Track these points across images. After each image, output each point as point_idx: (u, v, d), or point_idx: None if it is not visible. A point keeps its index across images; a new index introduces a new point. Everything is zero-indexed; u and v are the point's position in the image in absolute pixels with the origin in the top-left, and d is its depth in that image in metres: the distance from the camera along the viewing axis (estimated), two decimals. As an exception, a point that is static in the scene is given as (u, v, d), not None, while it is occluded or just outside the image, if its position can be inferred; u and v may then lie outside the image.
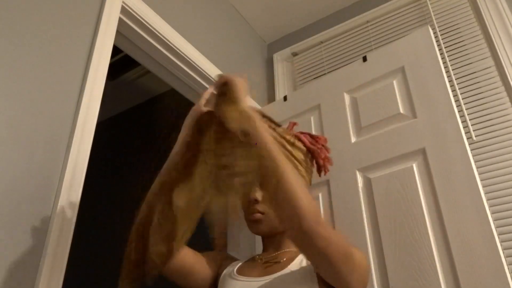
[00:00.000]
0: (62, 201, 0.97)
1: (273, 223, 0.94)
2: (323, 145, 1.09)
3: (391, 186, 1.38)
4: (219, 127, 0.75)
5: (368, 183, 1.45)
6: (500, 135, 1.43)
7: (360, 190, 1.46)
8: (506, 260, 1.12)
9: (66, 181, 0.99)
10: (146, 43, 1.49)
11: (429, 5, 1.81)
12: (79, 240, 2.84)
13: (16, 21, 1.00)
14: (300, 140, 1.05)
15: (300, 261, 0.90)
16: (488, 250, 1.12)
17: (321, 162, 1.08)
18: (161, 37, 1.49)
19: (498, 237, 1.15)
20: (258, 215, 0.92)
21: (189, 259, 0.91)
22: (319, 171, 1.10)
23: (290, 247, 0.96)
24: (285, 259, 0.92)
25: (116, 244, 2.63)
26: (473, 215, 1.18)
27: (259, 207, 0.92)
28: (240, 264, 0.99)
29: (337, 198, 1.50)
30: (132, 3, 1.37)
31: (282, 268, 0.88)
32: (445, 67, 1.63)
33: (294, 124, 1.15)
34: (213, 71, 1.74)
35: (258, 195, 0.93)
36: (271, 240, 0.98)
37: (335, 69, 2.00)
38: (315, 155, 1.04)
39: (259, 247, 1.62)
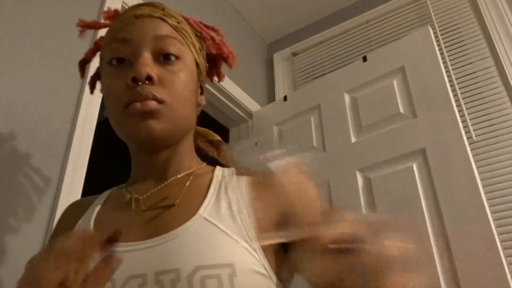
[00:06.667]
0: (62, 200, 0.96)
1: (176, 124, 0.56)
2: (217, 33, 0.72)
3: (391, 186, 1.38)
4: None
5: (368, 183, 1.45)
6: (500, 135, 1.43)
7: (360, 190, 1.45)
8: (506, 260, 1.12)
9: (66, 181, 0.99)
10: (146, 43, 1.49)
11: (429, 5, 1.81)
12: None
13: (16, 22, 1.00)
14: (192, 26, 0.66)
15: (215, 200, 0.54)
16: (488, 250, 1.12)
17: (215, 47, 0.69)
18: (161, 37, 1.49)
19: (498, 237, 1.15)
20: (154, 104, 0.53)
21: None
22: (225, 61, 0.71)
23: (181, 170, 0.60)
24: (183, 196, 0.55)
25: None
26: (473, 215, 1.18)
27: (155, 91, 0.53)
28: (97, 209, 0.59)
29: (337, 198, 1.50)
30: (132, 3, 1.37)
31: (187, 217, 0.51)
32: (445, 67, 1.63)
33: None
34: (213, 71, 1.74)
35: (151, 69, 0.54)
36: (155, 159, 0.59)
37: (335, 69, 2.00)
38: (207, 40, 0.67)
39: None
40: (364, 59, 1.65)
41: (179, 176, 0.59)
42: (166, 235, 0.49)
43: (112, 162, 3.07)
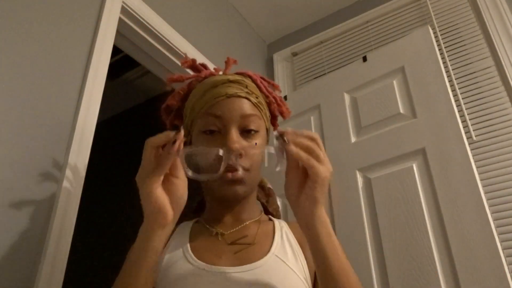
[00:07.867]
0: (62, 201, 0.97)
1: (253, 185, 0.75)
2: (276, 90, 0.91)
3: (391, 186, 1.38)
4: None
5: (368, 183, 1.45)
6: (500, 135, 1.43)
7: (360, 190, 1.46)
8: (506, 260, 1.12)
9: (66, 181, 0.99)
10: (146, 43, 1.49)
11: (429, 5, 1.81)
12: (79, 240, 2.84)
13: (16, 22, 1.00)
14: (256, 84, 0.82)
15: (281, 243, 0.72)
16: (488, 250, 1.12)
17: (278, 109, 0.87)
18: (161, 37, 1.49)
19: (498, 237, 1.15)
20: (241, 173, 0.69)
21: None
22: (283, 116, 0.89)
23: (252, 215, 0.78)
24: (256, 237, 0.73)
25: (116, 244, 2.63)
26: (473, 215, 1.18)
27: (243, 162, 0.69)
28: (188, 235, 0.75)
29: (337, 198, 1.50)
30: (132, 3, 1.37)
31: (263, 253, 0.69)
32: (445, 67, 1.63)
33: (234, 62, 0.92)
34: (213, 71, 1.74)
35: (241, 145, 0.69)
36: (231, 206, 0.76)
37: (335, 69, 2.00)
38: (273, 103, 0.84)
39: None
40: (364, 59, 1.65)
41: (250, 222, 0.76)
42: (251, 264, 0.66)
43: (112, 162, 3.07)
